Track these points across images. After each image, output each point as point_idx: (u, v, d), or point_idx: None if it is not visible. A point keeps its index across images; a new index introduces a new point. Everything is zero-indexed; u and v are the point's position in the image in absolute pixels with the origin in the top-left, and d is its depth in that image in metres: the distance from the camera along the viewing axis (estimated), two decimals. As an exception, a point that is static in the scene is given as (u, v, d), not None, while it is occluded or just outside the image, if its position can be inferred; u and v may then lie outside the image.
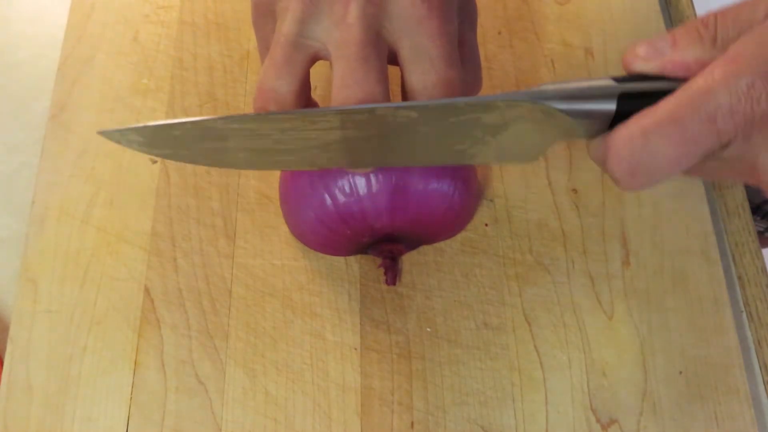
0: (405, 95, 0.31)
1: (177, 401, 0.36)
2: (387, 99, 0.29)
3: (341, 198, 0.34)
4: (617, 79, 0.26)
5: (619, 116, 0.26)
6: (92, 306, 0.38)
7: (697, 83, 0.24)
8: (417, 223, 0.35)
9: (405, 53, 0.30)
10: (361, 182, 0.34)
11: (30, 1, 0.48)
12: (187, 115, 0.42)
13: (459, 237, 0.40)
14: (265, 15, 0.32)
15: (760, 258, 0.41)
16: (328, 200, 0.34)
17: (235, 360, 0.37)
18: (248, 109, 0.43)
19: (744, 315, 0.41)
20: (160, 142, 0.29)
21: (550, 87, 0.26)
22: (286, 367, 0.37)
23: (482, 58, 0.45)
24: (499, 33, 0.46)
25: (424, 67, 0.30)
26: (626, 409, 0.37)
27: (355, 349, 0.37)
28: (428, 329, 0.38)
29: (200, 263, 0.39)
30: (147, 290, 0.38)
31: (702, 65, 0.24)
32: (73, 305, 0.38)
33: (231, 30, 0.45)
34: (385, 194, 0.34)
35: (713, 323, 0.39)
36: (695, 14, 0.48)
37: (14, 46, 0.46)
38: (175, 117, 0.42)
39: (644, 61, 0.26)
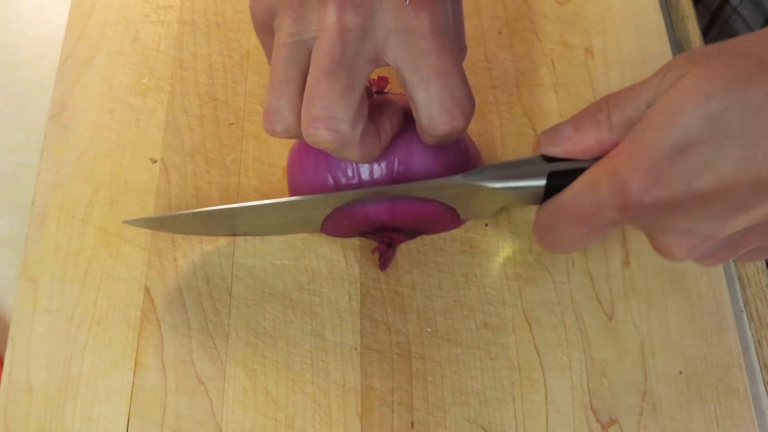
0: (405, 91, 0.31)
1: (177, 401, 0.36)
2: (353, 117, 0.29)
3: (342, 180, 0.34)
4: (547, 158, 0.30)
5: (551, 189, 0.30)
6: (92, 306, 0.38)
7: (583, 180, 0.28)
8: (415, 216, 0.35)
9: (394, 54, 0.30)
10: (364, 169, 0.33)
11: (30, 1, 0.48)
12: (187, 116, 0.42)
13: (459, 237, 0.40)
14: (264, 29, 0.32)
15: (760, 258, 0.41)
16: (330, 181, 0.34)
17: (235, 360, 0.37)
18: (248, 108, 0.43)
19: (744, 315, 0.41)
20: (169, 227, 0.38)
21: (488, 167, 0.31)
22: (286, 367, 0.37)
23: (482, 57, 0.45)
24: (499, 33, 0.46)
25: (415, 63, 0.29)
26: (626, 409, 0.37)
27: (355, 349, 0.37)
28: (428, 329, 0.38)
29: (200, 263, 0.39)
30: (147, 290, 0.38)
31: (602, 145, 0.28)
32: (73, 305, 0.38)
33: (231, 30, 0.45)
34: (386, 183, 0.33)
35: (713, 323, 0.39)
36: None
37: (14, 46, 0.46)
38: (174, 117, 0.42)
39: (552, 146, 0.29)
